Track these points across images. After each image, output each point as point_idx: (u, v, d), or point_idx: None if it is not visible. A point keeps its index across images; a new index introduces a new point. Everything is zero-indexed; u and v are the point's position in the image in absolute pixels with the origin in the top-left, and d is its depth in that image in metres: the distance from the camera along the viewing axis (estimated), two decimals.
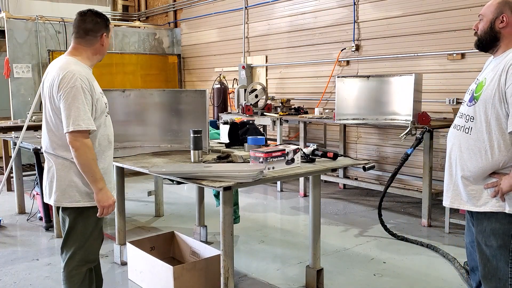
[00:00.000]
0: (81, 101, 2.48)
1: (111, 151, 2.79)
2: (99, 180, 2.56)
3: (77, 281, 2.68)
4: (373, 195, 6.48)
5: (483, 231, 2.42)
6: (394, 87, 5.68)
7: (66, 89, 2.48)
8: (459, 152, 2.43)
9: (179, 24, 10.45)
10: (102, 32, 2.69)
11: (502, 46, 2.39)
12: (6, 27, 8.31)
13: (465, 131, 2.41)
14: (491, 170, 2.35)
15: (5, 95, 8.77)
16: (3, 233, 5.06)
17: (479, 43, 2.47)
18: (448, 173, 2.53)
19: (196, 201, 4.71)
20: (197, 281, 3.40)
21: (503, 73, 2.26)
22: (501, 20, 2.36)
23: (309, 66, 7.60)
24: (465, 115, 2.43)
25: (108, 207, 2.62)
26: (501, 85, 2.26)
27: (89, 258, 2.73)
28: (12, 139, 5.58)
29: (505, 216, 2.34)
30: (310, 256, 3.61)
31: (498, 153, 2.31)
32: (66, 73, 2.51)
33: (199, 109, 3.94)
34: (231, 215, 2.84)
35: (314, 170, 3.21)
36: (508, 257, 2.36)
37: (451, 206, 2.54)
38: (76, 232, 2.68)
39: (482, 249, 2.45)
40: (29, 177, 7.20)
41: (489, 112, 2.30)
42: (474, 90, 2.41)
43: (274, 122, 6.73)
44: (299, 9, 7.66)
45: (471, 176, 2.40)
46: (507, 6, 2.36)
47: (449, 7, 5.73)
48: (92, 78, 2.64)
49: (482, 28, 2.43)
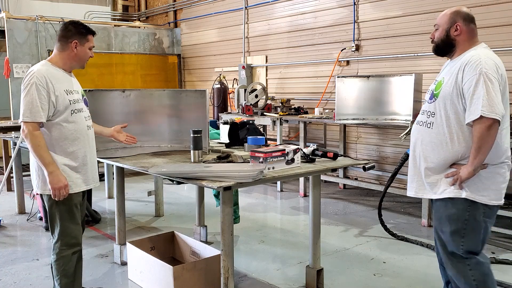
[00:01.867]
0: (34, 96, 2.81)
1: (80, 144, 3.02)
2: (48, 164, 2.85)
3: (62, 264, 2.99)
4: (373, 195, 6.48)
5: (440, 217, 2.64)
6: (394, 87, 5.68)
7: (24, 85, 2.86)
8: (423, 146, 2.66)
9: (179, 24, 10.46)
10: (73, 39, 2.98)
11: (457, 50, 2.66)
12: (6, 27, 8.31)
13: (427, 126, 2.64)
14: (452, 161, 2.57)
15: (5, 95, 8.77)
16: (3, 233, 5.06)
17: (437, 49, 2.74)
18: (412, 165, 2.75)
19: (196, 201, 4.71)
20: (197, 281, 3.40)
21: (460, 71, 2.51)
22: (455, 29, 2.64)
23: (309, 66, 7.60)
24: (426, 111, 2.68)
25: (59, 189, 2.87)
26: (458, 82, 2.51)
27: (70, 242, 3.00)
28: (12, 139, 5.58)
29: (461, 201, 2.54)
30: (310, 256, 3.61)
31: (458, 145, 2.53)
32: (28, 72, 2.89)
33: (199, 109, 3.94)
34: (231, 215, 2.84)
35: (314, 170, 3.21)
36: (460, 242, 2.56)
37: (416, 196, 2.76)
38: (53, 218, 2.99)
39: (438, 235, 2.67)
40: (29, 177, 7.19)
41: (448, 107, 2.55)
42: (434, 89, 2.67)
43: (274, 122, 6.73)
44: (299, 9, 7.66)
45: (433, 167, 2.61)
46: (459, 15, 2.66)
47: (449, 7, 5.72)
48: (56, 78, 2.92)
49: (438, 36, 2.70)
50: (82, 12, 10.70)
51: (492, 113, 2.37)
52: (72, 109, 2.97)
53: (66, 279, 3.00)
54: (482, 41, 2.68)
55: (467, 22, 2.65)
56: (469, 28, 2.64)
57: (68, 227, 2.99)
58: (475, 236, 2.56)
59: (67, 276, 3.00)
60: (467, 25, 2.64)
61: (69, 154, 2.97)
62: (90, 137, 3.15)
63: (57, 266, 2.99)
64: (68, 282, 3.01)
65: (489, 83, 2.41)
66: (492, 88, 2.40)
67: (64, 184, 2.88)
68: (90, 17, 10.79)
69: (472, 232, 2.55)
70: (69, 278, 3.01)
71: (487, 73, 2.42)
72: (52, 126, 2.92)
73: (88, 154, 3.09)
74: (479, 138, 2.41)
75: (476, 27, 2.69)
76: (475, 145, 2.43)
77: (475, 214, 2.54)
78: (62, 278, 2.99)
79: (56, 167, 2.88)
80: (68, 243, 3.00)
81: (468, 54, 2.56)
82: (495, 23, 5.36)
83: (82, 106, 3.08)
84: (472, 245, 2.57)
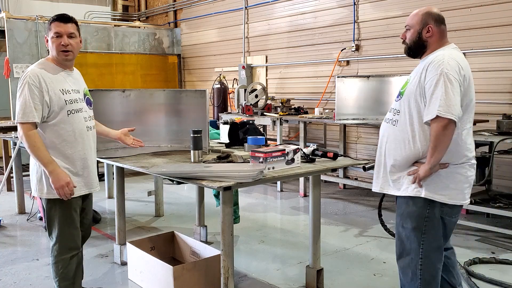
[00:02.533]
0: (27, 96, 2.77)
1: (79, 146, 2.95)
2: (47, 163, 2.79)
3: (61, 267, 2.95)
4: (373, 195, 6.48)
5: (401, 213, 2.70)
6: (394, 87, 5.68)
7: (18, 85, 2.83)
8: (388, 143, 2.70)
9: (179, 24, 10.46)
10: (47, 32, 2.97)
11: (427, 51, 2.68)
12: (6, 27, 8.31)
13: (393, 124, 2.69)
14: (414, 159, 2.60)
15: (5, 95, 8.77)
16: (3, 233, 5.06)
17: (409, 51, 2.75)
18: (378, 161, 2.80)
19: (196, 201, 4.71)
20: (197, 281, 3.40)
21: (423, 71, 2.55)
22: (427, 30, 2.64)
23: (309, 66, 7.60)
24: (393, 109, 2.72)
25: (61, 187, 2.81)
26: (421, 82, 2.54)
27: (69, 245, 2.97)
28: (12, 139, 5.59)
29: (421, 200, 2.59)
30: (310, 256, 3.61)
31: (419, 143, 2.56)
32: (24, 72, 2.87)
33: (199, 109, 3.94)
34: (231, 215, 2.84)
35: (314, 170, 3.22)
36: (420, 239, 2.63)
37: (381, 192, 2.81)
38: (51, 221, 2.95)
39: (399, 230, 2.73)
40: (29, 177, 7.19)
41: (412, 106, 2.58)
42: (401, 87, 2.71)
43: (274, 122, 6.73)
44: (299, 9, 7.66)
45: (397, 164, 2.66)
46: (430, 17, 2.65)
47: (449, 7, 5.73)
48: (51, 77, 2.87)
49: (410, 37, 2.70)
50: (82, 12, 10.69)
51: (448, 113, 2.40)
52: (68, 110, 2.88)
53: (65, 282, 2.98)
54: (451, 42, 2.71)
55: (439, 24, 2.65)
56: (440, 29, 2.65)
57: (66, 231, 2.95)
58: (435, 233, 2.63)
59: (66, 279, 2.98)
60: (438, 26, 2.64)
61: (68, 157, 2.90)
62: (91, 139, 3.05)
63: (56, 269, 2.97)
64: (67, 284, 2.98)
65: (449, 84, 2.43)
66: (451, 88, 2.43)
67: (65, 181, 2.81)
68: (90, 17, 10.79)
69: (433, 229, 2.62)
70: (68, 280, 2.99)
71: (447, 74, 2.44)
72: (48, 128, 2.85)
73: (88, 157, 3.00)
74: (435, 137, 2.45)
75: (446, 28, 2.71)
76: (431, 144, 2.48)
77: (435, 212, 2.60)
78: (61, 281, 2.97)
79: (56, 166, 2.81)
80: (66, 246, 2.96)
81: (435, 54, 2.59)
82: (495, 23, 5.37)
83: (81, 106, 2.98)
84: (434, 241, 2.63)
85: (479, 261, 4.01)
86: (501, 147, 4.70)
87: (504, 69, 5.33)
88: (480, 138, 4.59)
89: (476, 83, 5.17)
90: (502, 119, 4.74)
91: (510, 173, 5.40)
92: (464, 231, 4.84)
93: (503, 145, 4.65)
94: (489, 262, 4.02)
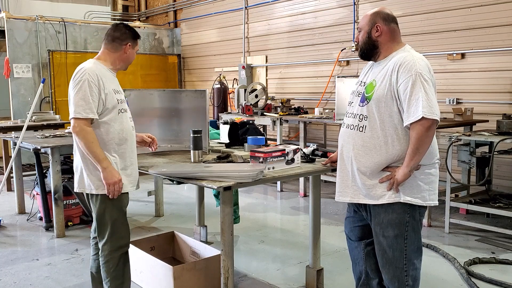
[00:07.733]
0: (86, 92, 2.78)
1: (126, 144, 2.98)
2: (102, 160, 2.80)
3: (112, 266, 2.94)
4: None
5: (381, 222, 2.60)
6: None
7: (75, 82, 2.83)
8: (355, 150, 2.61)
9: (179, 24, 10.46)
10: (127, 42, 3.04)
11: (382, 52, 2.63)
12: (6, 27, 8.31)
13: (359, 130, 2.60)
14: (385, 164, 2.54)
15: (5, 95, 8.78)
16: (3, 233, 5.06)
17: (361, 52, 2.72)
18: (342, 171, 2.72)
19: (196, 201, 4.71)
20: (197, 281, 3.40)
21: (393, 73, 2.48)
22: (376, 30, 2.60)
23: (309, 66, 7.60)
24: (358, 115, 2.63)
25: (113, 184, 2.82)
26: (392, 84, 2.48)
27: (120, 243, 2.97)
28: (12, 139, 5.58)
29: (400, 205, 2.54)
30: (310, 256, 3.60)
31: (392, 148, 2.51)
32: (80, 69, 2.87)
33: (199, 109, 3.94)
34: (231, 215, 2.84)
35: (314, 170, 3.22)
36: (403, 245, 2.58)
37: (352, 201, 2.72)
38: (103, 218, 2.93)
39: (379, 240, 2.64)
40: (29, 177, 7.20)
41: (382, 110, 2.51)
42: (365, 91, 2.62)
43: (274, 122, 6.72)
44: (299, 9, 7.67)
45: (367, 171, 2.57)
46: (378, 16, 2.61)
47: (449, 7, 5.73)
48: (106, 76, 2.92)
49: (361, 39, 2.67)
50: (82, 12, 10.69)
51: (433, 114, 2.37)
52: (119, 109, 2.94)
53: (116, 281, 2.96)
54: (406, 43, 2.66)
55: (388, 22, 2.60)
56: (390, 27, 2.60)
57: (119, 228, 2.95)
58: (416, 235, 2.61)
59: (117, 278, 2.96)
60: (387, 25, 2.59)
61: (118, 154, 2.93)
62: (134, 138, 3.12)
63: (107, 269, 2.95)
64: (117, 284, 2.96)
65: (426, 84, 2.41)
66: (428, 89, 2.40)
67: (118, 179, 2.84)
68: (90, 17, 10.78)
69: (413, 232, 2.59)
70: (119, 279, 2.97)
71: (422, 74, 2.41)
72: (100, 125, 2.87)
73: (133, 155, 3.06)
74: (418, 139, 2.40)
75: (399, 27, 2.66)
76: (413, 146, 2.42)
77: (414, 215, 2.58)
78: (112, 281, 2.95)
79: (109, 163, 2.83)
80: (117, 244, 2.95)
81: (400, 55, 2.53)
82: (495, 23, 5.37)
83: (126, 106, 3.06)
84: (414, 244, 2.60)
85: (479, 261, 4.01)
86: (501, 147, 4.70)
87: (504, 69, 5.33)
88: (480, 138, 4.59)
89: (476, 83, 5.25)
90: (502, 119, 4.74)
91: (510, 173, 5.40)
92: (464, 231, 4.84)
93: (503, 145, 4.65)
94: (489, 262, 4.02)
